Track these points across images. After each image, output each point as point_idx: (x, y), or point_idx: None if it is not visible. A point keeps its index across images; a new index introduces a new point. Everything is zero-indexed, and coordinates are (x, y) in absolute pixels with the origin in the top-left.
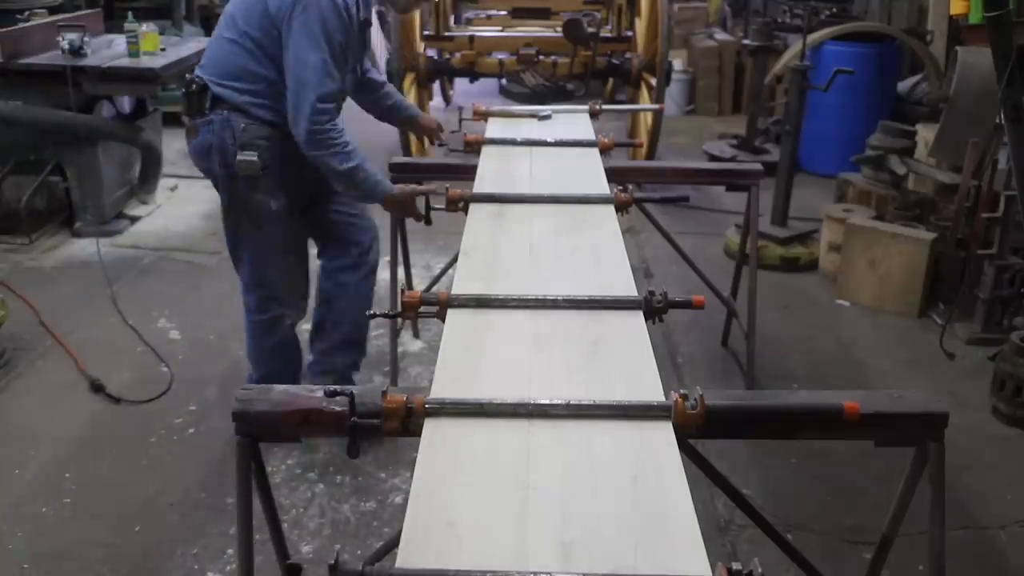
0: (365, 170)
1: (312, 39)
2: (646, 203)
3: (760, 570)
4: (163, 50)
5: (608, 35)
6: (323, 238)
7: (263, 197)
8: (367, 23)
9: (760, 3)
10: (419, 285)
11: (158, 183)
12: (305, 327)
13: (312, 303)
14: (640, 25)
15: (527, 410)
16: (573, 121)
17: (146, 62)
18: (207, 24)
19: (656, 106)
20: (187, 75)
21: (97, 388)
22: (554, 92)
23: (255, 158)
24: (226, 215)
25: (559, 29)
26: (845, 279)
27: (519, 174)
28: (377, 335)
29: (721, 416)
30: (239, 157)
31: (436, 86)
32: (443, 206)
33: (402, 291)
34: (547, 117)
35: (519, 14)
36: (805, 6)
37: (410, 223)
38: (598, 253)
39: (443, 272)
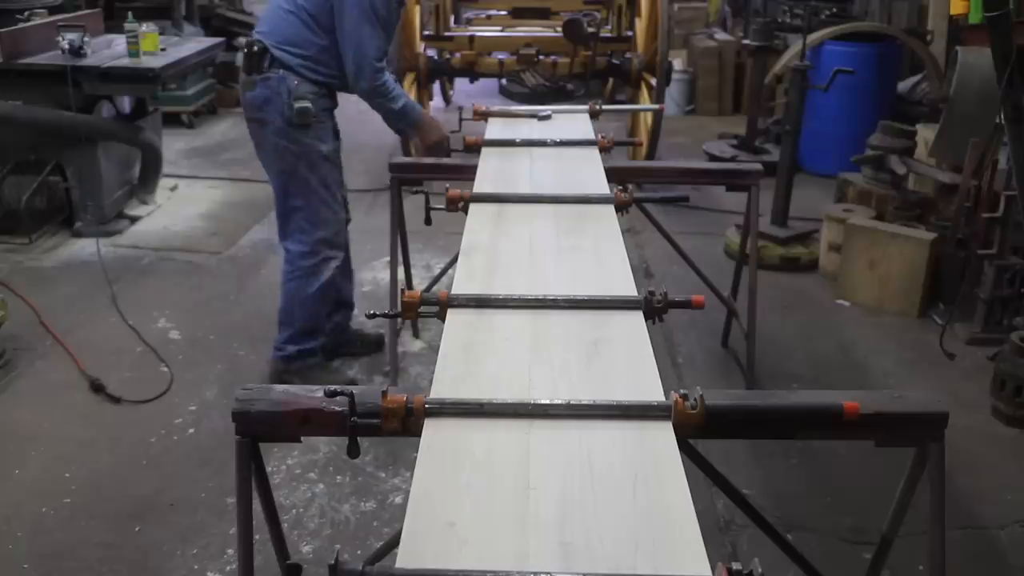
0: (410, 102)
1: (363, 13)
2: (646, 203)
3: (760, 570)
4: (163, 50)
5: (608, 35)
6: None
7: (315, 141)
8: (402, 1)
9: (760, 3)
10: (419, 285)
11: (158, 183)
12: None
13: None
14: (640, 25)
15: (527, 410)
16: (573, 121)
17: (146, 62)
18: (207, 24)
19: (656, 106)
20: (246, 38)
21: (97, 388)
22: (554, 92)
23: (310, 106)
24: (280, 166)
25: (559, 29)
26: (845, 279)
27: (519, 174)
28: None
29: (721, 416)
30: (297, 106)
31: (436, 86)
32: (443, 206)
33: (402, 291)
34: (547, 117)
35: (519, 14)
36: (805, 6)
37: (410, 224)
38: (598, 253)
39: (443, 272)
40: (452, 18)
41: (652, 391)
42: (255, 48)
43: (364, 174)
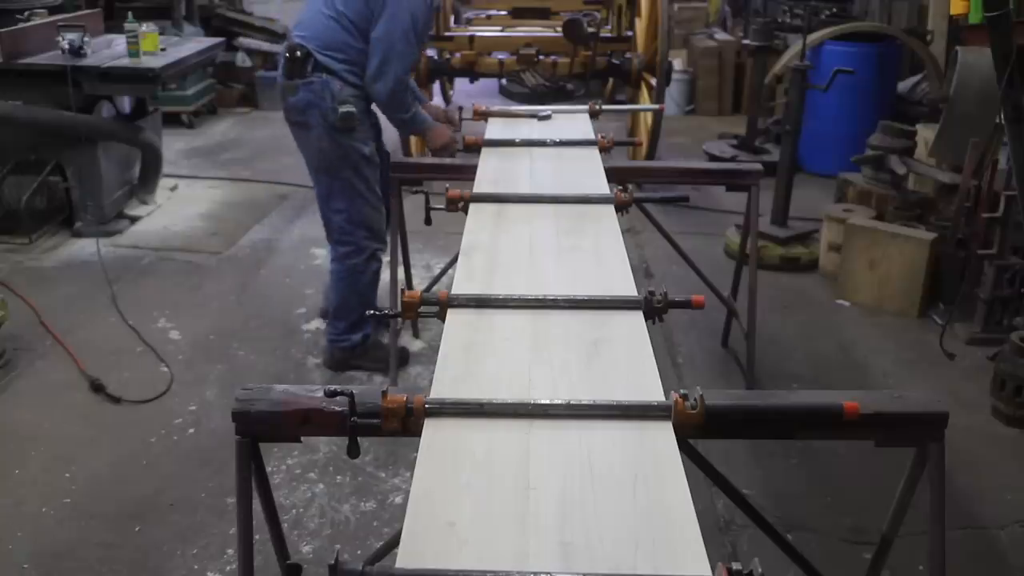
0: (419, 113)
1: (405, 31)
2: (646, 203)
3: (760, 570)
4: (163, 50)
5: (608, 35)
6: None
7: (358, 144)
8: (438, 8)
9: (760, 3)
10: (419, 285)
11: (158, 183)
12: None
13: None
14: (640, 25)
15: (527, 410)
16: (573, 121)
17: (146, 62)
18: (207, 24)
19: (656, 106)
20: (288, 43)
21: (97, 388)
22: (554, 92)
23: (353, 110)
24: (323, 168)
25: (559, 29)
26: (845, 279)
27: (519, 174)
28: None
29: (721, 416)
30: (341, 110)
31: (436, 86)
32: (443, 206)
33: (402, 291)
34: (547, 117)
35: (519, 14)
36: (805, 6)
37: (410, 224)
38: (598, 253)
39: (443, 272)
40: (452, 18)
41: (652, 391)
42: (298, 53)
43: None
